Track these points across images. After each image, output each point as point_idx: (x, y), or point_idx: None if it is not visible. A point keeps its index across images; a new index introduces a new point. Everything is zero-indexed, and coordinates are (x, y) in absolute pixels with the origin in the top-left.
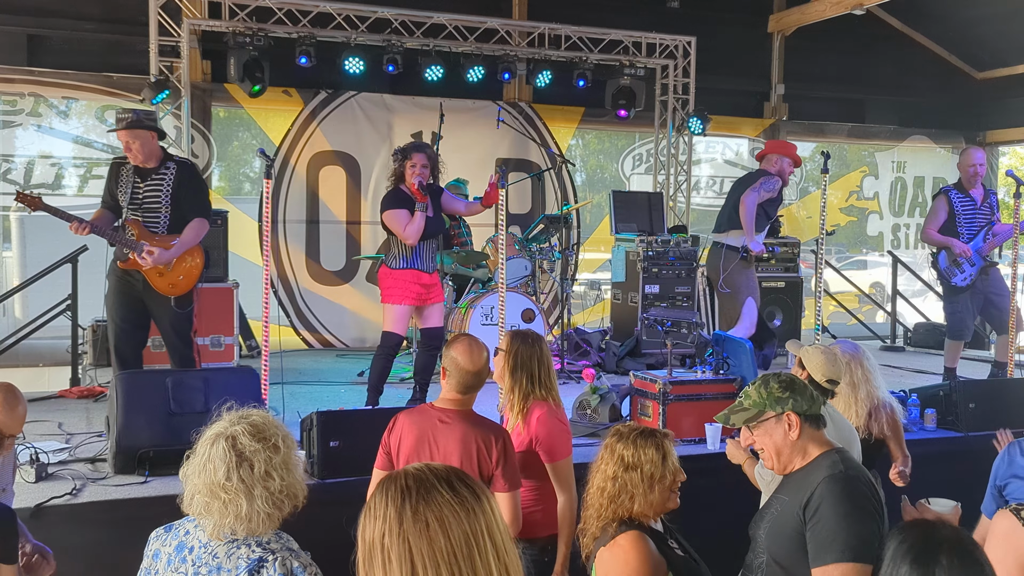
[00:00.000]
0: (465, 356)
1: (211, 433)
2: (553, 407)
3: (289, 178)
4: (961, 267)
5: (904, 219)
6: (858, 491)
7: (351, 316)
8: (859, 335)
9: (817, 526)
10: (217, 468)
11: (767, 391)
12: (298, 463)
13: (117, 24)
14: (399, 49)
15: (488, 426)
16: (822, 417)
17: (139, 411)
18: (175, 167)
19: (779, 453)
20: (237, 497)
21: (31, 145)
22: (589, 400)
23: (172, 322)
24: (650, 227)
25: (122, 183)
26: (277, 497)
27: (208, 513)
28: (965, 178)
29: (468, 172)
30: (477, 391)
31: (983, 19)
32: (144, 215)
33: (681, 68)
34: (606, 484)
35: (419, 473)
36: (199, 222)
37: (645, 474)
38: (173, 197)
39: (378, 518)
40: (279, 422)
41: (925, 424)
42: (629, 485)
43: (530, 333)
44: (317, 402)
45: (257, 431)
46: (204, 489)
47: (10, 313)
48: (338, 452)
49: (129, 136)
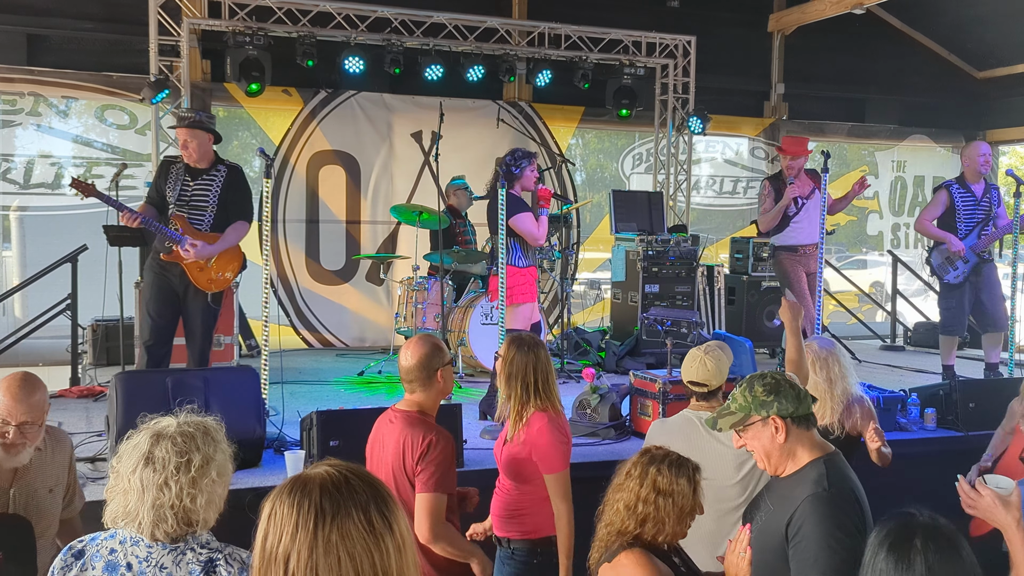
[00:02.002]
0: (401, 353)
1: (153, 424)
2: (553, 416)
3: (289, 177)
4: (954, 264)
5: (904, 218)
6: (841, 510)
7: (351, 316)
8: (859, 335)
9: (799, 546)
10: (131, 457)
11: (752, 394)
12: (212, 492)
13: (117, 24)
14: (399, 48)
15: (421, 427)
16: (811, 416)
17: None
18: (226, 170)
19: (769, 456)
20: (131, 492)
21: (31, 145)
22: (589, 400)
23: (204, 317)
24: (650, 226)
25: (171, 180)
26: (164, 510)
27: (112, 496)
28: (971, 171)
29: (468, 172)
30: (420, 389)
31: (983, 19)
32: (190, 212)
33: (681, 67)
34: (636, 504)
35: (336, 492)
36: (242, 224)
37: (677, 504)
38: (221, 198)
39: (286, 534)
40: (220, 445)
41: (925, 424)
42: (662, 512)
43: (527, 339)
44: (317, 402)
45: (184, 442)
46: (121, 471)
47: (10, 313)
48: (338, 452)
49: (188, 135)
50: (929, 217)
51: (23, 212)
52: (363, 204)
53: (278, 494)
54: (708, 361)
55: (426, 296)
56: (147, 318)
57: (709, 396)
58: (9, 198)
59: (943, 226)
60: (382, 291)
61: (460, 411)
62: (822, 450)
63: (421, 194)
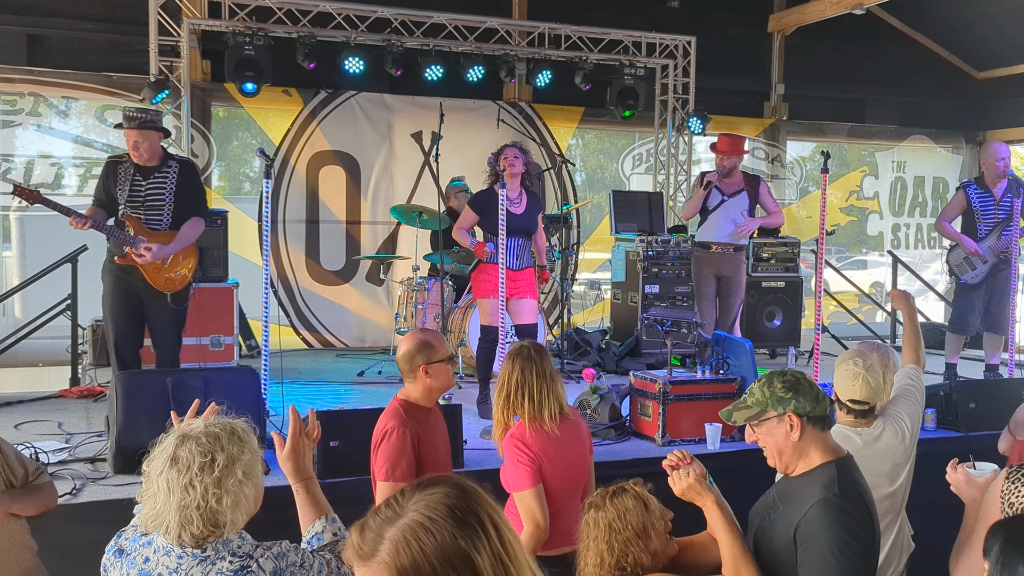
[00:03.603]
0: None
1: (183, 426)
2: (527, 430)
3: (289, 178)
4: (973, 265)
5: (904, 219)
6: (851, 516)
7: (351, 316)
8: (859, 335)
9: (807, 552)
10: (159, 459)
11: (770, 390)
12: (239, 493)
13: (117, 24)
14: (399, 49)
15: (387, 417)
16: (827, 418)
17: (139, 411)
18: (177, 166)
19: (780, 453)
20: (159, 494)
21: (31, 145)
22: (589, 400)
23: (168, 318)
24: (650, 227)
25: (120, 181)
26: (190, 511)
27: (145, 499)
28: (991, 173)
29: (468, 172)
30: (407, 380)
31: (983, 19)
32: (146, 213)
33: (681, 68)
34: (603, 556)
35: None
36: (197, 220)
37: (636, 528)
38: (176, 195)
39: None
40: (247, 446)
41: (925, 424)
42: (628, 546)
43: (523, 351)
44: (317, 402)
45: (208, 443)
46: (151, 473)
47: (10, 313)
48: (338, 452)
49: (139, 135)
50: (947, 218)
51: (23, 212)
52: (363, 204)
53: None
54: (870, 379)
55: (426, 296)
56: (112, 323)
57: (867, 415)
58: (9, 198)
59: (963, 227)
60: (382, 291)
61: (460, 411)
62: (835, 453)
63: (421, 194)
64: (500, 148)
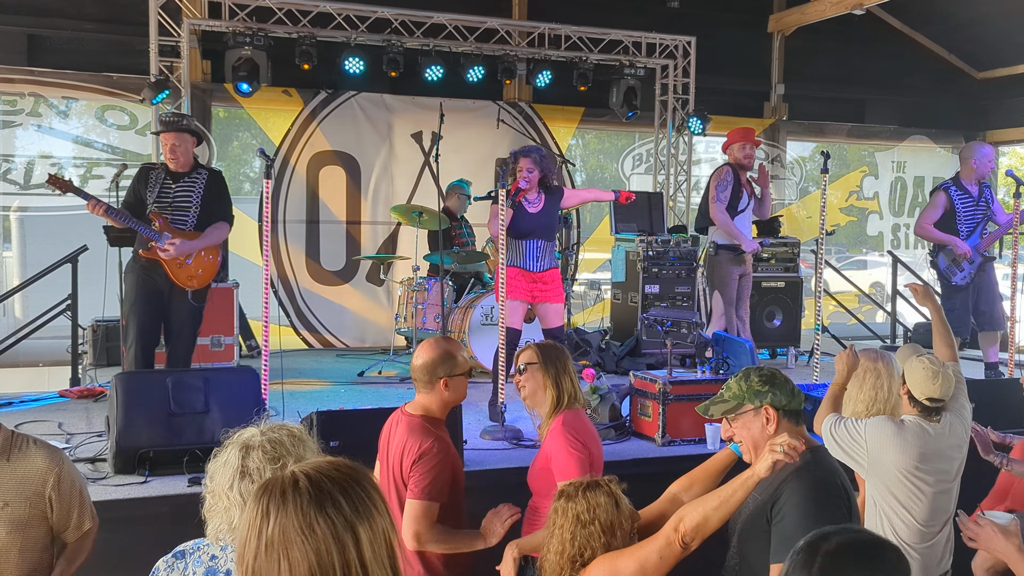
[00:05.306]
0: (416, 350)
1: (237, 437)
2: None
3: (289, 178)
4: (961, 266)
5: (904, 219)
6: (824, 490)
7: (351, 316)
8: (859, 335)
9: (780, 523)
10: (224, 473)
11: (747, 384)
12: None
13: (117, 24)
14: (399, 49)
15: (420, 432)
16: (802, 412)
17: (139, 411)
18: (207, 174)
19: (756, 447)
20: (232, 508)
21: (31, 145)
22: (589, 400)
23: (187, 316)
24: (650, 227)
25: (151, 184)
26: None
27: (212, 515)
28: (975, 172)
29: (468, 172)
30: (424, 391)
31: (983, 19)
32: (173, 214)
33: (681, 68)
34: (564, 546)
35: (280, 492)
36: (223, 224)
37: (603, 524)
38: (203, 201)
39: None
40: (307, 444)
41: None
42: (591, 540)
43: (541, 349)
44: (317, 402)
45: (273, 449)
46: (216, 489)
47: (10, 313)
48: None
49: (176, 139)
50: (929, 220)
51: (23, 213)
52: (363, 204)
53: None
54: (949, 377)
55: (426, 297)
56: (135, 318)
57: (940, 412)
58: (9, 199)
59: (944, 228)
60: (382, 292)
61: (460, 411)
62: (808, 444)
63: (421, 195)
64: (514, 156)
